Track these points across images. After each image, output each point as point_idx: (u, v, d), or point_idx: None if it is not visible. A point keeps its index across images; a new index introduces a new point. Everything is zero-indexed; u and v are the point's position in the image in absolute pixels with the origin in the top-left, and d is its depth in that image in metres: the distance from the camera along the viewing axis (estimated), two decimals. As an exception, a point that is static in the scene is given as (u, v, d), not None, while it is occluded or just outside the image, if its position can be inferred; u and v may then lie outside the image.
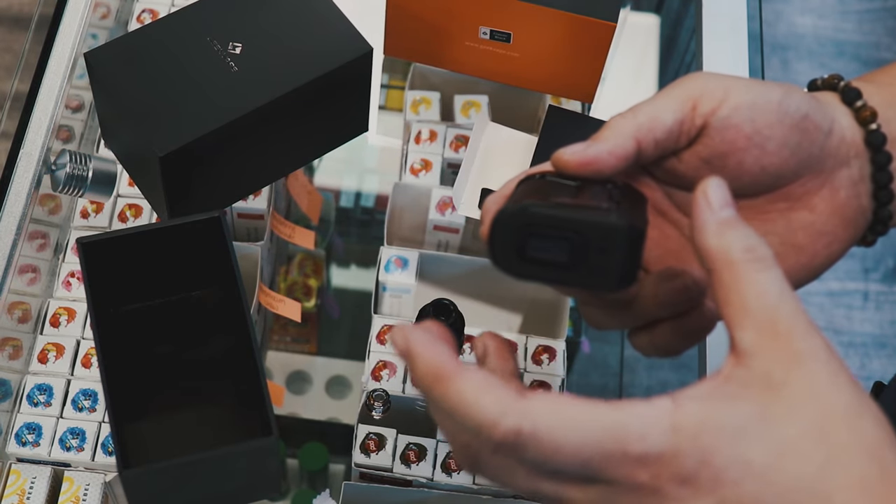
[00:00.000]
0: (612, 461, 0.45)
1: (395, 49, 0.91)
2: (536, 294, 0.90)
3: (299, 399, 1.06)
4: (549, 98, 0.94)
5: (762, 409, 0.45)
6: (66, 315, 0.82)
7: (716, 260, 0.48)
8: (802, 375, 0.45)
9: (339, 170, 1.13)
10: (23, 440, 0.77)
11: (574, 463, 0.46)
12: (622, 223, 0.50)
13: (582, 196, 0.53)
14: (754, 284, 0.46)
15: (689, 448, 0.44)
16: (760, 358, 0.46)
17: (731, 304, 0.47)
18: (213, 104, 0.74)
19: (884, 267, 1.82)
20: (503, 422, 0.46)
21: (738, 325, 0.46)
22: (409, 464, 0.78)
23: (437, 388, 0.48)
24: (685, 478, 0.45)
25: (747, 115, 0.54)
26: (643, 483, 0.45)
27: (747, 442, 0.44)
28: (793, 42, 2.01)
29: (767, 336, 0.46)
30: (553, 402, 0.46)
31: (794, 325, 0.46)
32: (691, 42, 1.04)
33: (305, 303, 1.06)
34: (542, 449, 0.46)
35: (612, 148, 0.54)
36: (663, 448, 0.45)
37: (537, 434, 0.45)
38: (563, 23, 0.84)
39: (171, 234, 0.72)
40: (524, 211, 0.51)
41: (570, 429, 0.45)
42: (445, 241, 0.92)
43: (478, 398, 0.47)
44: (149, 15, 0.96)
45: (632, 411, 0.45)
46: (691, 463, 0.44)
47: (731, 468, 0.44)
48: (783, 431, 0.44)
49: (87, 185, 0.79)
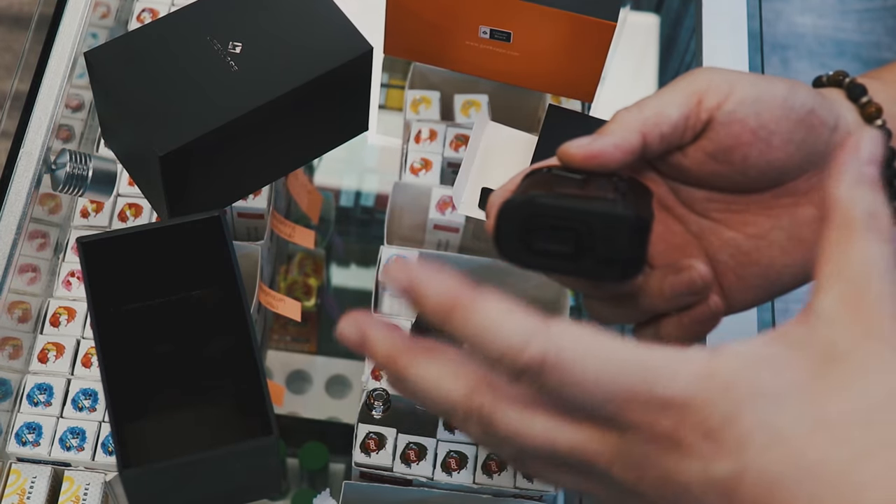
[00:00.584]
0: (635, 401, 0.43)
1: (395, 48, 0.91)
2: (536, 292, 0.90)
3: (299, 398, 1.05)
4: (549, 97, 0.94)
5: (807, 379, 0.42)
6: (66, 314, 0.82)
7: (835, 211, 0.45)
8: (869, 353, 0.42)
9: (338, 169, 1.13)
10: (23, 440, 0.77)
11: (597, 396, 0.43)
12: (628, 213, 0.50)
13: (587, 188, 0.53)
14: (861, 251, 0.44)
15: (718, 400, 0.42)
16: (830, 324, 0.43)
17: (829, 262, 0.44)
18: (213, 103, 0.74)
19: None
20: (529, 347, 0.43)
21: (825, 287, 0.43)
22: (409, 463, 0.78)
23: (456, 317, 0.44)
24: (709, 431, 0.42)
25: (752, 109, 0.54)
26: (664, 432, 0.43)
27: (781, 409, 0.41)
28: (793, 41, 2.01)
29: (849, 305, 0.43)
30: (580, 331, 0.43)
31: (882, 304, 0.42)
32: (691, 41, 1.04)
33: (305, 302, 1.06)
34: (567, 377, 0.43)
35: (617, 141, 0.54)
36: (692, 394, 0.42)
37: (562, 361, 0.43)
38: (564, 22, 0.84)
39: (171, 234, 0.72)
40: (530, 201, 0.51)
41: (597, 359, 0.43)
42: (445, 241, 0.92)
43: (503, 322, 0.43)
44: (149, 14, 0.96)
45: (664, 353, 0.43)
46: (717, 418, 0.42)
47: (759, 432, 0.41)
48: (824, 408, 0.41)
49: (88, 184, 0.79)
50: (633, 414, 0.43)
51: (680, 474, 0.43)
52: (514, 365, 0.43)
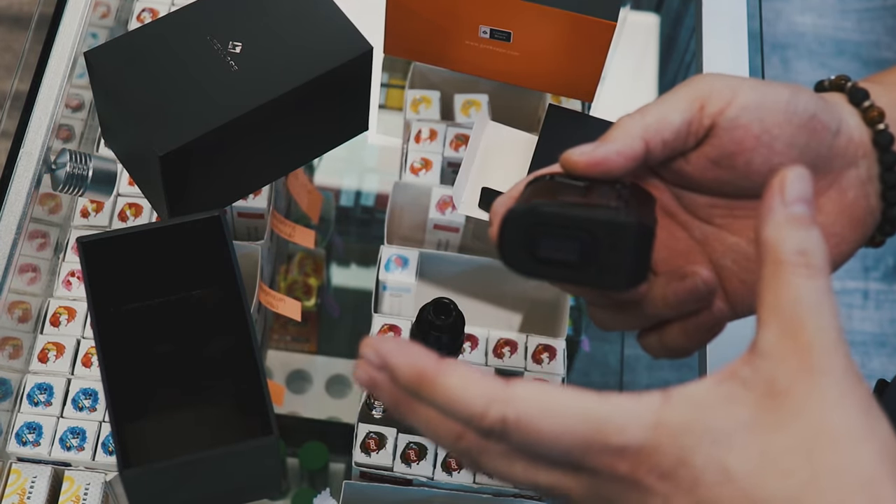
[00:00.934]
0: (591, 450, 0.45)
1: (396, 48, 0.91)
2: (536, 293, 0.90)
3: (299, 398, 1.06)
4: (549, 97, 0.94)
5: (753, 417, 0.44)
6: (66, 314, 0.82)
7: (766, 252, 0.47)
8: (807, 389, 0.44)
9: (339, 169, 1.13)
10: (23, 440, 0.77)
11: (557, 450, 0.46)
12: (632, 221, 0.50)
13: (591, 196, 0.53)
14: (793, 288, 0.45)
15: (668, 445, 0.44)
16: (771, 360, 0.45)
17: (765, 301, 0.46)
18: (214, 103, 0.74)
19: (884, 266, 1.82)
20: (490, 412, 0.46)
21: (765, 323, 0.46)
22: (409, 463, 0.78)
23: (424, 389, 0.48)
24: (664, 473, 0.45)
25: (755, 115, 0.54)
26: (623, 475, 0.45)
27: (729, 448, 0.44)
28: (793, 41, 2.01)
29: (788, 342, 0.45)
30: (537, 390, 0.46)
31: (818, 339, 0.44)
32: (691, 41, 1.04)
33: (305, 302, 1.06)
34: (527, 436, 0.46)
35: (620, 148, 0.54)
36: (642, 442, 0.45)
37: (521, 421, 0.46)
38: (563, 22, 0.84)
39: (172, 234, 0.72)
40: (534, 210, 0.51)
41: (553, 416, 0.45)
42: (445, 240, 0.92)
43: (465, 390, 0.47)
44: (149, 14, 0.96)
45: (617, 403, 0.45)
46: (670, 460, 0.44)
47: (709, 471, 0.44)
48: (770, 443, 0.43)
49: (88, 184, 0.79)
50: (592, 460, 0.46)
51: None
52: (479, 428, 0.47)
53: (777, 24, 2.02)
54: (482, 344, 0.83)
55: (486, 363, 0.83)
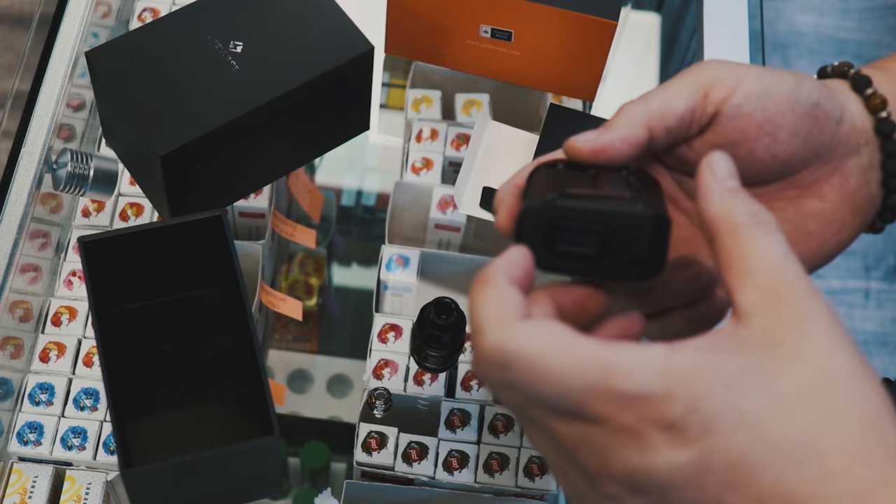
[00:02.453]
0: (596, 396, 0.44)
1: (397, 47, 0.91)
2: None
3: (301, 398, 1.06)
4: (550, 96, 0.94)
5: (760, 363, 0.44)
6: (67, 314, 0.82)
7: (719, 225, 0.48)
8: (802, 336, 0.44)
9: (340, 168, 1.13)
10: (24, 439, 0.77)
11: (557, 392, 0.45)
12: (650, 213, 0.50)
13: (601, 185, 0.52)
14: (757, 247, 0.46)
15: (678, 392, 0.44)
16: (761, 316, 0.45)
17: (734, 266, 0.46)
18: (215, 103, 0.74)
19: (885, 265, 1.82)
20: (489, 335, 0.46)
21: (740, 286, 0.46)
22: (410, 462, 0.78)
23: (475, 288, 0.48)
24: (670, 424, 0.44)
25: (759, 103, 0.54)
26: (626, 425, 0.44)
27: (742, 392, 0.43)
28: (793, 40, 2.01)
29: (769, 297, 0.45)
30: (547, 329, 0.46)
31: (796, 288, 0.45)
32: (692, 40, 1.04)
33: (307, 301, 1.06)
34: (525, 372, 0.45)
35: (624, 135, 0.54)
36: (651, 389, 0.44)
37: (522, 355, 0.45)
38: (565, 21, 0.84)
39: (173, 233, 0.72)
40: (552, 204, 0.51)
41: (557, 355, 0.45)
42: (447, 240, 0.92)
43: (486, 306, 0.47)
44: (150, 14, 0.96)
45: (624, 349, 0.45)
46: (679, 408, 0.43)
47: (723, 417, 0.43)
48: (780, 387, 0.44)
49: (89, 183, 0.79)
50: (595, 407, 0.45)
51: (644, 465, 0.45)
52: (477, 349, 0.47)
53: (778, 24, 2.02)
54: (483, 343, 0.83)
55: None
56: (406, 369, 0.82)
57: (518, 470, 0.78)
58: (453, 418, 0.80)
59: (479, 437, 0.79)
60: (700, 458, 0.43)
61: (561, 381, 0.45)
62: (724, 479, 0.43)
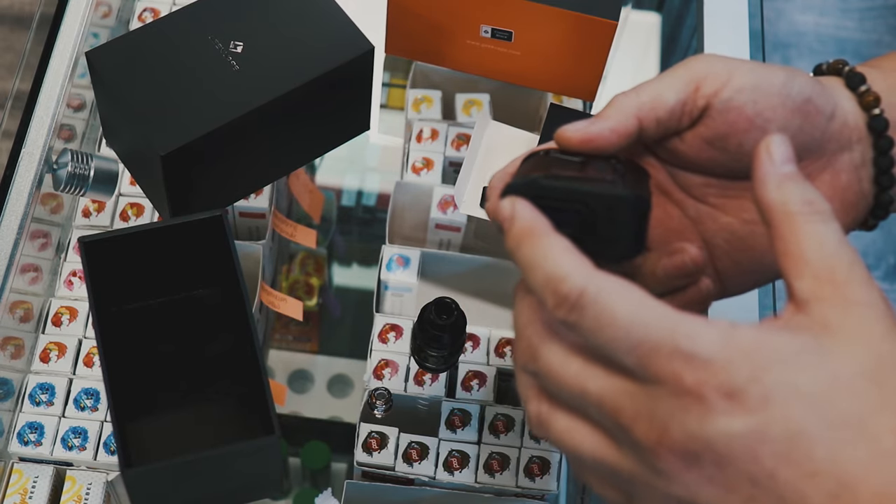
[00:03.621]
0: (661, 352, 0.45)
1: (397, 47, 0.91)
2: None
3: (301, 398, 1.06)
4: (550, 96, 0.94)
5: (818, 344, 0.45)
6: (67, 314, 0.82)
7: (775, 212, 0.48)
8: (858, 321, 0.45)
9: (340, 168, 1.13)
10: (25, 439, 0.77)
11: (626, 341, 0.45)
12: (628, 193, 0.51)
13: (587, 170, 0.53)
14: (813, 235, 0.47)
15: (741, 361, 0.44)
16: (819, 304, 0.46)
17: (790, 254, 0.47)
18: (215, 103, 0.74)
19: (885, 265, 1.82)
20: (572, 278, 0.46)
21: (798, 274, 0.47)
22: (411, 462, 0.78)
23: (526, 243, 0.49)
24: (732, 391, 0.44)
25: (750, 97, 0.55)
26: (688, 387, 0.44)
27: (800, 368, 0.44)
28: (794, 40, 2.01)
29: (826, 284, 0.46)
30: (624, 284, 0.46)
31: (852, 275, 0.46)
32: (692, 40, 1.04)
33: (307, 301, 1.06)
34: (600, 316, 0.46)
35: (614, 125, 0.55)
36: (714, 354, 0.44)
37: (599, 300, 0.46)
38: (565, 21, 0.84)
39: (173, 233, 0.72)
40: (532, 183, 0.52)
41: (631, 306, 0.46)
42: (447, 240, 0.92)
43: (558, 254, 0.47)
44: (150, 14, 0.96)
45: (691, 317, 0.45)
46: (741, 377, 0.44)
47: (781, 389, 0.44)
48: (837, 367, 0.44)
49: (89, 184, 0.79)
50: (659, 365, 0.45)
51: (703, 431, 0.45)
52: (555, 293, 0.47)
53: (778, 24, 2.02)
54: (484, 343, 0.83)
55: (487, 363, 0.83)
56: (406, 369, 0.82)
57: (518, 470, 0.78)
58: (454, 418, 0.80)
59: (480, 438, 0.79)
60: (759, 427, 0.44)
61: (632, 331, 0.45)
62: (779, 451, 0.44)
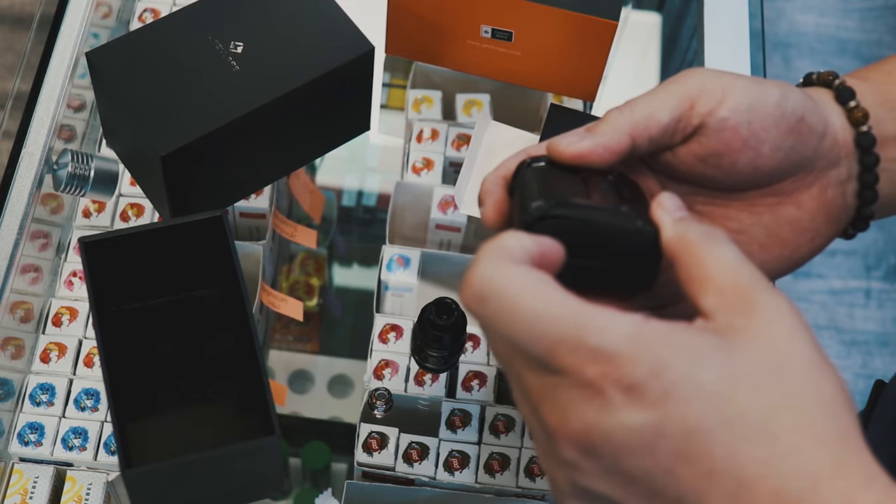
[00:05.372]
0: (565, 345, 0.45)
1: (397, 48, 0.91)
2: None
3: (301, 398, 1.06)
4: (550, 96, 0.94)
5: (723, 342, 0.45)
6: (68, 314, 0.82)
7: (675, 247, 0.49)
8: (762, 323, 0.46)
9: (340, 169, 1.13)
10: (25, 440, 0.77)
11: (528, 333, 0.46)
12: (651, 230, 0.51)
13: (594, 193, 0.53)
14: (712, 255, 0.48)
15: (643, 355, 0.45)
16: (724, 312, 0.46)
17: (694, 278, 0.48)
18: (215, 103, 0.74)
19: (886, 265, 1.82)
20: (482, 265, 0.47)
21: (702, 292, 0.47)
22: (411, 462, 0.78)
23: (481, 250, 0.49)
24: (631, 385, 0.44)
25: (745, 117, 0.55)
26: (590, 380, 0.45)
27: (703, 364, 0.45)
28: (794, 40, 2.01)
29: (729, 294, 0.47)
30: (535, 276, 0.47)
31: (753, 283, 0.47)
32: (693, 40, 1.04)
33: (307, 302, 1.06)
34: (501, 307, 0.46)
35: (606, 143, 0.55)
36: (618, 348, 0.45)
37: (504, 290, 0.46)
38: (565, 21, 0.84)
39: (173, 234, 0.72)
40: (557, 217, 0.51)
41: (535, 298, 0.46)
42: (447, 240, 0.92)
43: (488, 245, 0.48)
44: (150, 14, 0.96)
45: (602, 310, 0.46)
46: (642, 371, 0.44)
47: (682, 385, 0.44)
48: (740, 365, 0.45)
49: (89, 184, 0.79)
50: (563, 358, 0.46)
51: (600, 423, 0.45)
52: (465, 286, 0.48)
53: (779, 24, 2.02)
54: (484, 343, 0.83)
55: (487, 363, 0.83)
56: (407, 369, 0.82)
57: (519, 470, 0.78)
58: (454, 418, 0.80)
59: (480, 438, 0.79)
60: (656, 423, 0.44)
61: (534, 323, 0.46)
62: (676, 448, 0.44)
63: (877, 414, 0.81)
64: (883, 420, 0.80)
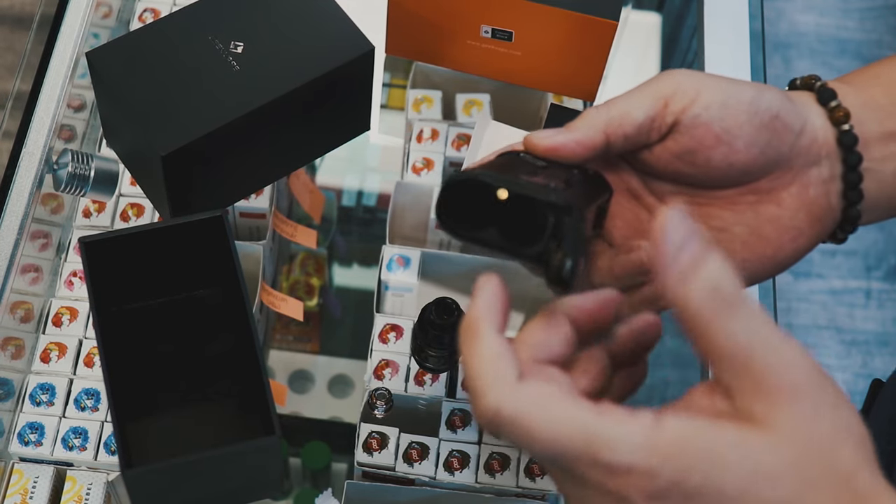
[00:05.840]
0: (581, 463, 0.46)
1: (397, 48, 0.91)
2: (538, 293, 0.90)
3: (302, 398, 1.06)
4: (550, 96, 0.94)
5: (742, 438, 0.45)
6: (68, 314, 0.82)
7: (682, 310, 0.47)
8: (782, 412, 0.45)
9: (340, 168, 1.13)
10: (25, 440, 0.77)
11: (547, 454, 0.47)
12: (558, 201, 0.52)
13: (541, 175, 0.55)
14: (722, 331, 0.46)
15: (662, 467, 0.45)
16: (740, 397, 0.46)
17: (703, 350, 0.47)
18: (216, 103, 0.74)
19: (886, 265, 1.82)
20: (487, 398, 0.47)
21: (716, 367, 0.47)
22: (411, 462, 0.78)
23: (465, 338, 0.49)
24: (655, 494, 0.45)
25: (717, 114, 0.56)
26: (612, 490, 0.46)
27: (724, 469, 0.45)
28: (794, 40, 2.01)
29: (744, 377, 0.46)
30: (541, 394, 0.47)
31: (769, 363, 0.46)
32: (693, 40, 1.04)
33: (307, 302, 1.06)
34: (518, 434, 0.47)
35: (580, 138, 0.56)
36: (633, 462, 0.45)
37: (515, 420, 0.47)
38: (565, 21, 0.84)
39: (174, 234, 0.72)
40: (472, 178, 0.53)
41: (547, 422, 0.46)
42: (447, 240, 0.92)
43: (484, 363, 0.48)
44: (150, 14, 0.96)
45: (611, 419, 0.46)
46: (663, 483, 0.45)
47: (704, 492, 0.45)
48: (760, 461, 0.45)
49: (90, 184, 0.79)
50: (584, 471, 0.47)
51: None
52: (475, 403, 0.48)
53: (779, 24, 2.02)
54: (484, 343, 0.83)
55: (488, 363, 0.82)
56: (407, 369, 0.82)
57: (519, 470, 0.78)
58: (454, 418, 0.80)
59: (480, 438, 0.79)
60: None
61: (551, 446, 0.46)
62: None
63: (874, 413, 0.81)
64: (880, 419, 0.80)
